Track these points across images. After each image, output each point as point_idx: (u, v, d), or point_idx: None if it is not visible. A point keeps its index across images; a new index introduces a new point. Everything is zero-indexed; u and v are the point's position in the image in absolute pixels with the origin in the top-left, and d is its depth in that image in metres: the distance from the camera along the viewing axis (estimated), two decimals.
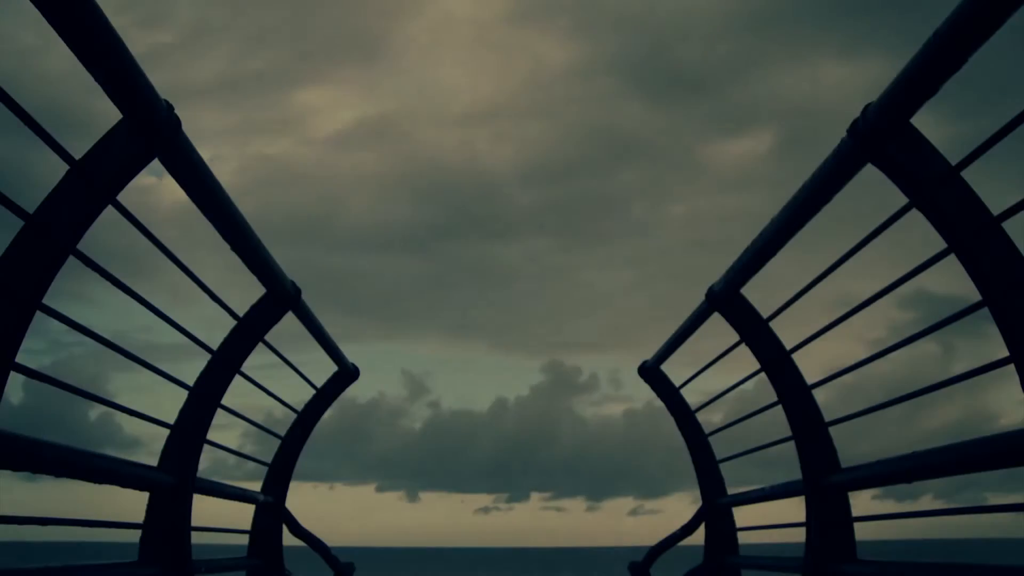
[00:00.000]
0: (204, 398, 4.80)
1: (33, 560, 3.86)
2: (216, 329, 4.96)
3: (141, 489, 4.43)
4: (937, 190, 3.02)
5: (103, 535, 4.12)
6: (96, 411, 4.11)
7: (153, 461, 4.59)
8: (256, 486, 6.59)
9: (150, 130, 3.05)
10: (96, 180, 2.97)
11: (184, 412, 4.71)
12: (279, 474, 6.71)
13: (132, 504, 4.38)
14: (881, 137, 3.05)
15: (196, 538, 4.74)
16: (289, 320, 5.41)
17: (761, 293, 4.96)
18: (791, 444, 4.88)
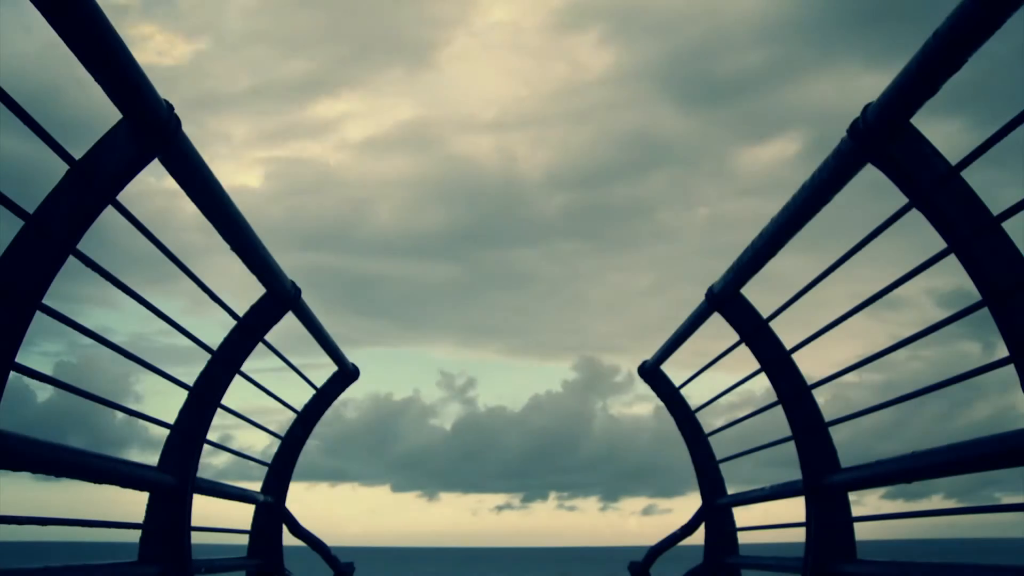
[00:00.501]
0: (204, 398, 4.80)
1: (33, 560, 3.86)
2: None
3: (141, 489, 4.43)
4: (937, 190, 3.02)
5: (103, 535, 4.12)
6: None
7: None
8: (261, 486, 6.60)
9: (150, 130, 3.05)
10: (96, 180, 2.97)
11: (184, 412, 4.71)
12: (279, 474, 6.71)
13: (132, 504, 4.39)
14: (881, 137, 3.05)
15: (196, 538, 4.74)
16: (293, 321, 5.44)
17: (762, 294, 4.96)
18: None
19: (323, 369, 6.78)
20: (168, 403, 4.65)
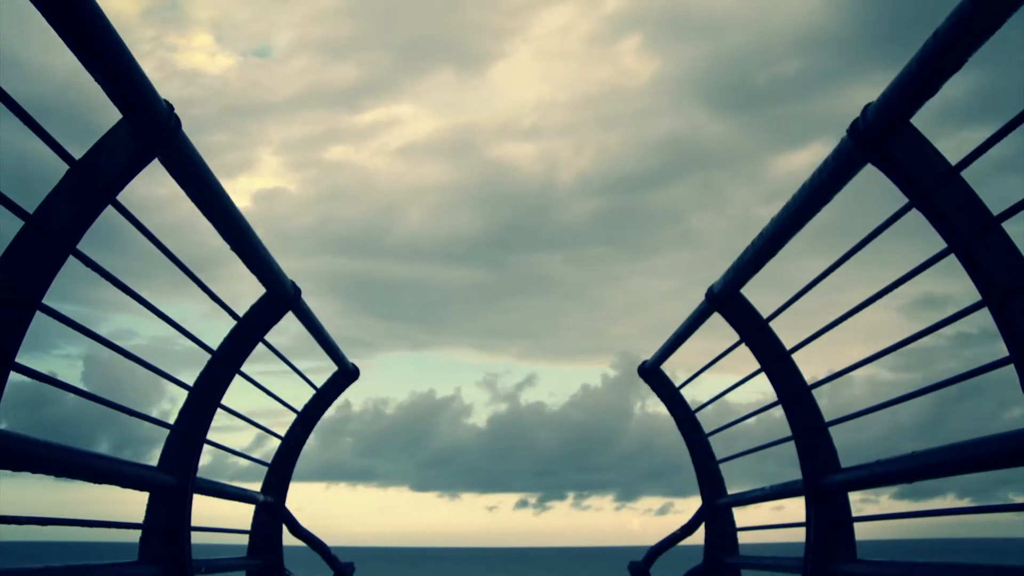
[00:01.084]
0: (204, 398, 4.80)
1: (33, 560, 3.86)
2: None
3: (141, 489, 4.43)
4: (937, 190, 3.02)
5: (103, 535, 4.12)
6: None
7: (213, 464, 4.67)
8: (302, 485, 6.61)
9: (150, 130, 3.05)
10: (96, 180, 2.97)
11: (184, 412, 4.71)
12: (279, 474, 6.71)
13: (132, 504, 4.39)
14: (881, 137, 3.05)
15: (196, 538, 4.74)
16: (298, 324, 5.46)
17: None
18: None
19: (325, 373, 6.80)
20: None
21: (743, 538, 6.57)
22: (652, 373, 6.80)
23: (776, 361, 4.88)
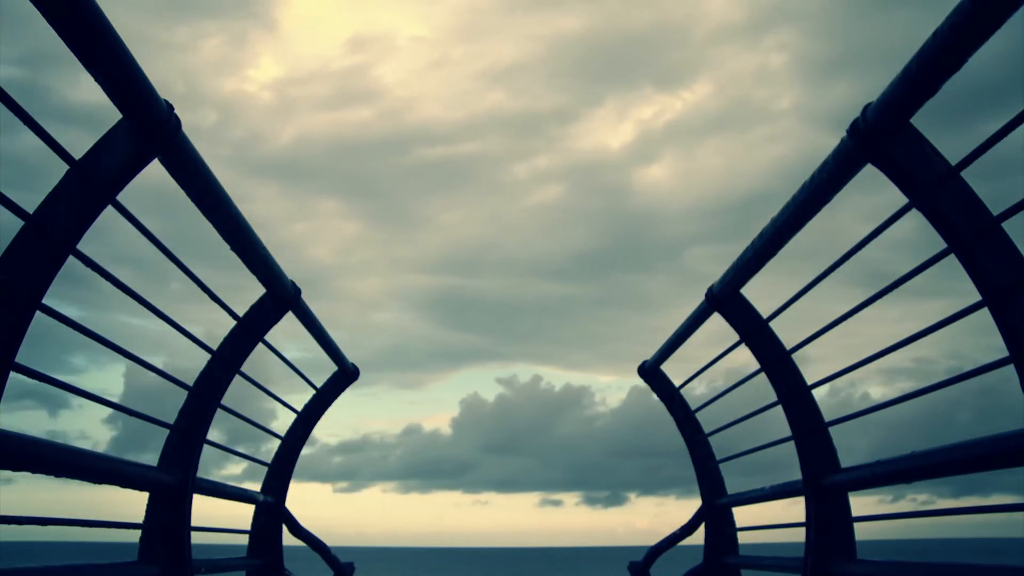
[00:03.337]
0: (204, 398, 4.80)
1: (33, 560, 3.86)
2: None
3: (141, 489, 4.43)
4: (937, 190, 3.01)
5: (103, 535, 4.12)
6: None
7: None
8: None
9: (150, 130, 3.05)
10: (96, 180, 2.97)
11: (184, 412, 4.71)
12: (279, 474, 6.72)
13: (132, 504, 4.39)
14: (881, 137, 3.05)
15: (196, 538, 4.74)
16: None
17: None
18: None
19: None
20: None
21: (743, 538, 6.57)
22: (652, 373, 6.80)
23: (776, 361, 4.88)
